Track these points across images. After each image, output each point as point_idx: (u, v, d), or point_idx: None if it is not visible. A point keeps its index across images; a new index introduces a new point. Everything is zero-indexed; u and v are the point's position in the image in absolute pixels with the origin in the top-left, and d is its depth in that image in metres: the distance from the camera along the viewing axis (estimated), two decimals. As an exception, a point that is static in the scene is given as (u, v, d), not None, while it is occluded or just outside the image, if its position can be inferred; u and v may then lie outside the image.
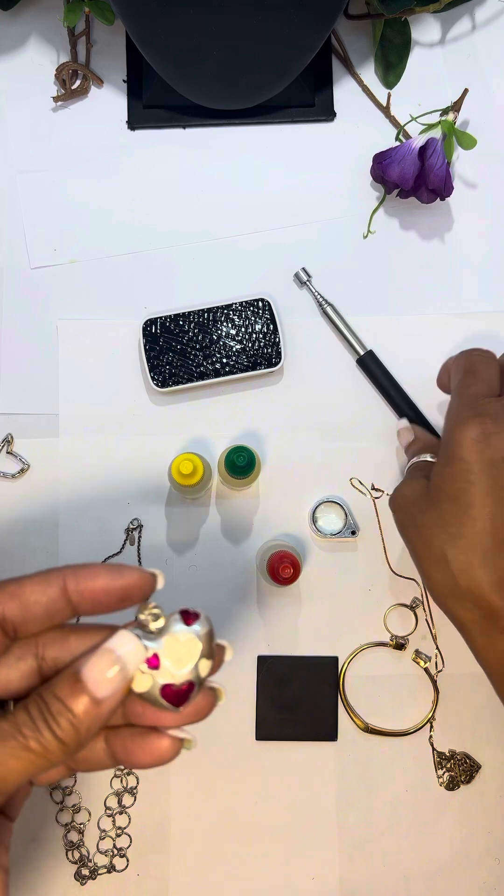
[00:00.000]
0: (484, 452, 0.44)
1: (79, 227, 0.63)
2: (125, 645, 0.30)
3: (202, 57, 0.57)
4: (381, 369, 0.61)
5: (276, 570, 0.54)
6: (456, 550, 0.44)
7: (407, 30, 0.63)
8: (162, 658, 0.30)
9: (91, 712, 0.29)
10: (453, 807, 0.59)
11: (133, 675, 0.30)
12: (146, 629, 0.31)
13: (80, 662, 0.30)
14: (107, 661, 0.29)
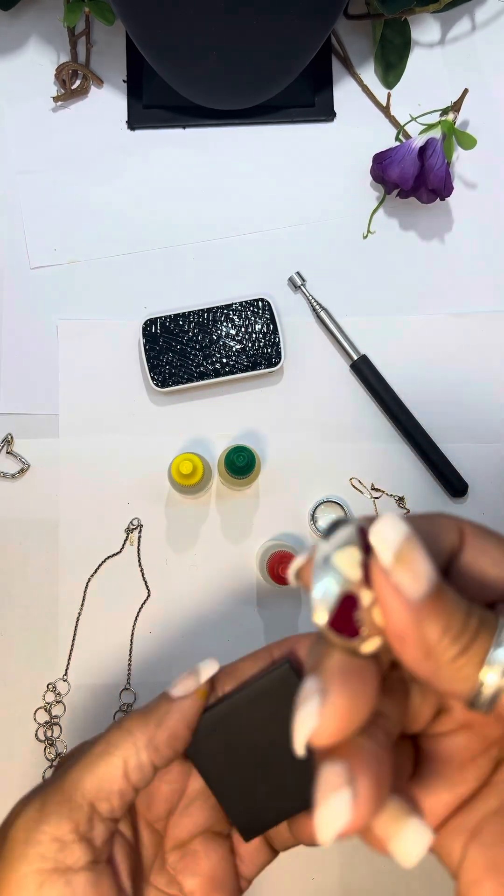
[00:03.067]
0: None
1: (79, 227, 0.63)
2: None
3: (202, 57, 0.57)
4: (374, 374, 0.61)
5: (276, 570, 0.54)
6: None
7: (407, 30, 0.63)
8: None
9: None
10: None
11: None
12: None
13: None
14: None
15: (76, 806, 0.28)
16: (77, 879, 0.27)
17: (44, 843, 0.27)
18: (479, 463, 0.61)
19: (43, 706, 0.60)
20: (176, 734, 0.30)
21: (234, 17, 0.54)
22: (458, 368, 0.62)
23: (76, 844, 0.27)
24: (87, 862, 0.27)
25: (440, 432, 0.61)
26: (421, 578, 0.22)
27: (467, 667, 0.22)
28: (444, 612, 0.22)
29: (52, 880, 0.27)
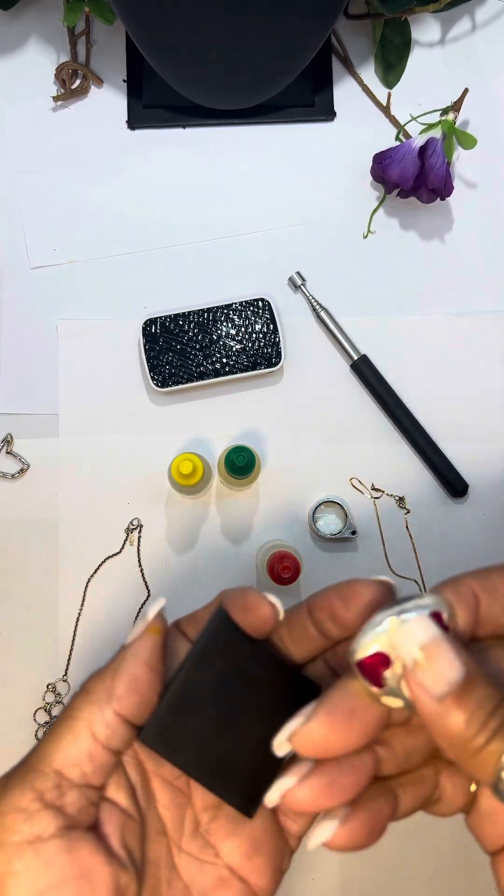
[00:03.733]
0: None
1: (79, 227, 0.63)
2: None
3: (202, 57, 0.57)
4: (374, 374, 0.61)
5: (276, 570, 0.54)
6: None
7: (407, 30, 0.63)
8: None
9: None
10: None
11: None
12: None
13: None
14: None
15: (39, 774, 0.27)
16: (46, 848, 0.26)
17: (7, 814, 0.26)
18: (479, 463, 0.61)
19: (43, 707, 0.60)
20: (136, 677, 0.28)
21: (234, 17, 0.54)
22: (458, 368, 0.62)
23: (42, 812, 0.26)
24: (58, 828, 0.26)
25: (440, 432, 0.61)
26: (444, 680, 0.24)
27: (491, 756, 0.23)
28: (469, 706, 0.24)
29: (20, 852, 0.25)
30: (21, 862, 0.25)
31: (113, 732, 0.28)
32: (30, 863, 0.25)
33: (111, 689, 0.28)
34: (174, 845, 0.29)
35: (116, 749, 0.28)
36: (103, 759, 0.27)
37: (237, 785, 0.29)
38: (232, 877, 0.29)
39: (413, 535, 0.61)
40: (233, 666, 0.29)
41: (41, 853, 0.25)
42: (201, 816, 0.30)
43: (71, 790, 0.27)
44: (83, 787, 0.27)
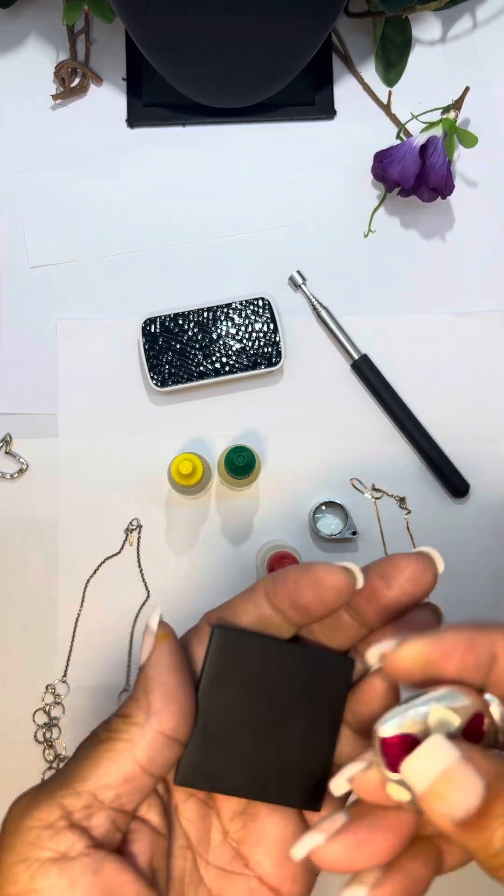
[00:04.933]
0: None
1: (78, 226, 0.62)
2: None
3: (202, 55, 0.56)
4: (374, 374, 0.61)
5: (276, 570, 0.53)
6: None
7: (407, 28, 0.63)
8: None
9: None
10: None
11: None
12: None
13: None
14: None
15: (71, 792, 0.26)
16: (72, 867, 0.25)
17: (34, 829, 0.25)
18: (480, 463, 0.61)
19: (42, 708, 0.60)
20: (167, 685, 0.27)
21: (234, 16, 0.54)
22: (459, 368, 0.62)
23: (68, 831, 0.25)
24: (84, 847, 0.25)
25: (441, 432, 0.61)
26: (458, 807, 0.22)
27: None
28: (490, 827, 0.22)
29: (44, 870, 0.25)
30: (45, 880, 0.25)
31: (156, 753, 0.26)
32: (54, 881, 0.25)
33: (148, 707, 0.27)
34: (200, 859, 0.29)
35: (158, 773, 0.27)
36: (141, 782, 0.26)
37: (293, 785, 0.28)
38: (262, 887, 0.28)
39: (414, 535, 0.61)
40: (249, 675, 0.28)
41: (66, 872, 0.25)
42: (229, 826, 0.29)
43: (100, 812, 0.26)
44: (115, 810, 0.26)
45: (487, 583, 0.60)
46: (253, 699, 0.28)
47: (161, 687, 0.27)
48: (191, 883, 0.28)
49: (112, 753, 0.26)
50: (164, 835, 0.28)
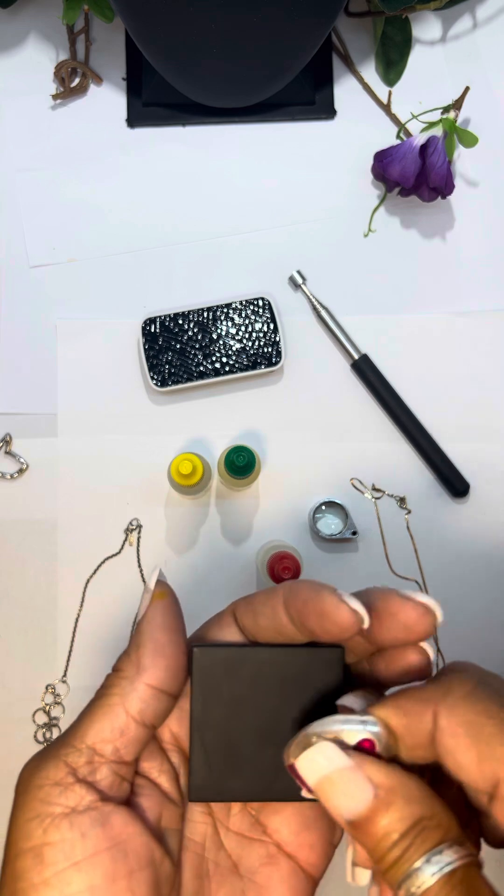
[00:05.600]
0: None
1: (78, 225, 0.62)
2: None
3: (202, 55, 0.56)
4: (375, 374, 0.60)
5: (276, 570, 0.53)
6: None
7: (408, 27, 0.63)
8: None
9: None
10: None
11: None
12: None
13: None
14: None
15: (72, 750, 0.27)
16: (81, 819, 0.26)
17: (43, 787, 0.26)
18: (480, 463, 0.61)
19: (42, 708, 0.60)
20: (157, 641, 0.28)
21: (233, 15, 0.53)
22: (459, 367, 0.62)
23: (76, 786, 0.26)
24: (92, 801, 0.26)
25: (441, 432, 0.61)
26: (344, 810, 0.24)
27: (395, 876, 0.24)
28: (374, 836, 0.24)
29: (55, 824, 0.26)
30: (57, 833, 0.26)
31: (146, 705, 0.28)
32: (66, 834, 0.26)
33: (138, 661, 0.28)
34: (220, 825, 0.30)
35: (150, 723, 0.28)
36: (135, 733, 0.28)
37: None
38: (280, 853, 0.29)
39: (414, 535, 0.61)
40: (239, 684, 0.28)
41: (76, 825, 0.26)
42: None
43: (103, 766, 0.27)
44: (115, 762, 0.27)
45: (487, 583, 0.60)
46: (247, 706, 0.28)
47: (151, 643, 0.28)
48: (211, 846, 0.29)
49: (105, 709, 0.28)
50: (177, 801, 0.29)
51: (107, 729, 0.27)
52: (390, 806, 0.24)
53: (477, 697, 0.24)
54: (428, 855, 0.23)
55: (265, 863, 0.29)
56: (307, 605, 0.27)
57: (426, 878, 0.23)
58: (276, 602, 0.28)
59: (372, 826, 0.24)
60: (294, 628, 0.28)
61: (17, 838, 0.26)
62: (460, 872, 0.23)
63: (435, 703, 0.25)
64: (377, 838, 0.24)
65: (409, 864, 0.23)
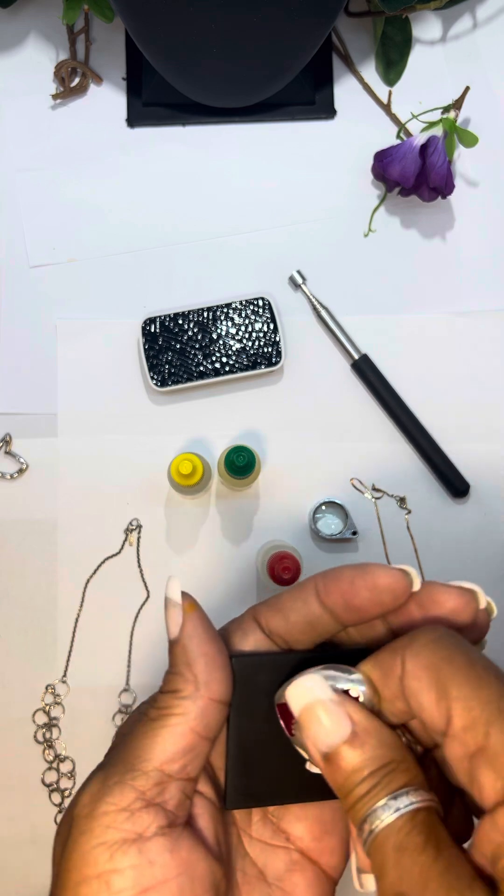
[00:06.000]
0: None
1: (78, 225, 0.62)
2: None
3: (202, 55, 0.56)
4: (375, 374, 0.60)
5: (276, 570, 0.53)
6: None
7: (408, 27, 0.63)
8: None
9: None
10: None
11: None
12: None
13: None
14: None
15: (140, 774, 0.27)
16: (150, 846, 0.26)
17: (109, 814, 0.26)
18: (480, 463, 0.61)
19: (42, 708, 0.60)
20: (209, 655, 0.28)
21: (233, 14, 0.53)
22: (459, 367, 0.62)
23: (145, 811, 0.26)
24: (160, 827, 0.26)
25: (442, 432, 0.61)
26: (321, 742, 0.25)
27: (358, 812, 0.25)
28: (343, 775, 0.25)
29: (123, 850, 0.25)
30: (125, 859, 0.25)
31: (210, 719, 0.28)
32: (134, 860, 0.25)
33: (195, 679, 0.28)
34: (244, 834, 0.30)
35: (213, 736, 0.28)
36: (201, 748, 0.28)
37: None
38: (303, 859, 0.30)
39: (414, 535, 0.61)
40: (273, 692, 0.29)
41: (145, 851, 0.26)
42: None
43: (170, 786, 0.27)
44: (182, 780, 0.27)
45: (488, 583, 0.60)
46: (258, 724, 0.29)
47: (202, 658, 0.28)
48: (238, 856, 0.30)
49: (168, 729, 0.27)
50: (219, 806, 0.29)
51: (173, 749, 0.27)
52: (364, 744, 0.25)
53: (439, 644, 0.25)
54: (392, 795, 0.24)
55: (291, 869, 0.30)
56: (355, 582, 0.27)
57: (388, 815, 0.24)
58: (308, 595, 0.28)
59: (343, 760, 0.25)
60: (330, 617, 0.28)
61: (81, 865, 0.26)
62: (422, 814, 0.24)
63: (402, 651, 0.26)
64: (347, 772, 0.25)
65: (374, 801, 0.24)
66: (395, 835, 0.23)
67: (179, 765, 0.27)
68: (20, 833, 0.59)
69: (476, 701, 0.23)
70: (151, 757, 0.27)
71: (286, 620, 0.29)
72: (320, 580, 0.28)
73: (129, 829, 0.26)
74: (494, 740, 0.23)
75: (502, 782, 0.22)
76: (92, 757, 0.59)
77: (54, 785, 0.59)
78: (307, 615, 0.28)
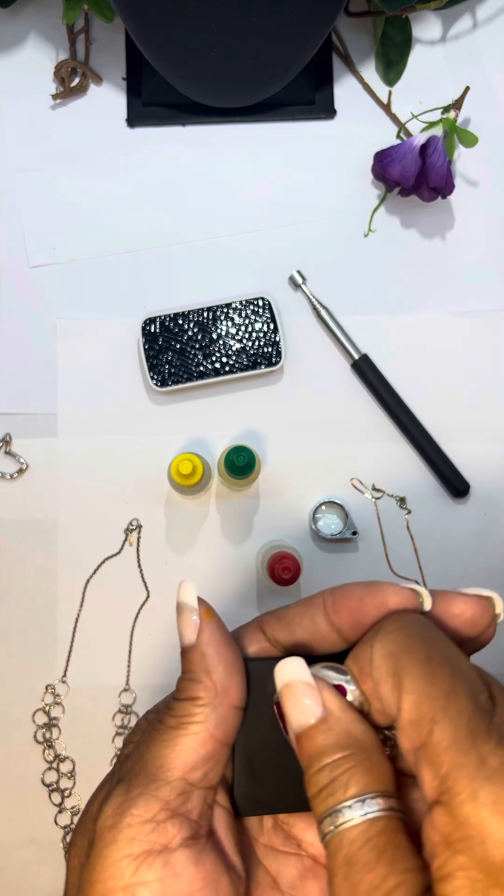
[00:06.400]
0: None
1: (78, 225, 0.62)
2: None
3: (202, 54, 0.56)
4: (375, 374, 0.60)
5: (276, 570, 0.53)
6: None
7: (408, 27, 0.63)
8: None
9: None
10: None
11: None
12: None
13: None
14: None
15: (163, 784, 0.26)
16: (175, 858, 0.25)
17: (134, 826, 0.26)
18: (480, 463, 0.61)
19: (42, 708, 0.60)
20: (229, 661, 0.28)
21: (234, 14, 0.53)
22: (459, 367, 0.62)
23: (170, 822, 0.26)
24: (185, 838, 0.26)
25: (441, 432, 0.61)
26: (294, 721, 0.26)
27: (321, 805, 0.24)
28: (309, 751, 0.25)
29: (148, 862, 0.25)
30: (150, 871, 0.25)
31: (229, 725, 0.28)
32: (159, 873, 0.25)
33: (215, 685, 0.28)
34: (255, 841, 0.30)
35: (231, 741, 0.28)
36: (222, 755, 0.28)
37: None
38: (317, 866, 0.29)
39: (414, 535, 0.61)
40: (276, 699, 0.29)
41: (170, 863, 0.25)
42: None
43: (193, 795, 0.27)
44: (204, 789, 0.27)
45: (488, 583, 0.60)
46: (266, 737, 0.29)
47: (222, 664, 0.28)
48: (252, 864, 0.29)
49: (189, 737, 0.27)
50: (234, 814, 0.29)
51: (195, 757, 0.27)
52: (331, 730, 0.25)
53: (402, 633, 0.25)
54: (359, 797, 0.24)
55: (304, 876, 0.29)
56: (364, 600, 0.27)
57: (352, 817, 0.23)
58: (315, 612, 0.28)
59: (309, 742, 0.25)
60: (337, 635, 0.28)
61: (105, 877, 0.25)
62: (379, 824, 0.23)
63: (371, 640, 0.25)
64: (310, 756, 0.25)
65: (332, 801, 0.24)
66: (346, 846, 0.23)
67: (201, 773, 0.27)
68: (20, 833, 0.59)
69: (426, 696, 0.23)
70: (174, 766, 0.27)
71: (292, 635, 0.29)
72: (329, 597, 0.28)
73: (155, 840, 0.25)
74: (436, 738, 0.22)
75: (439, 781, 0.22)
76: (92, 757, 0.59)
77: (54, 785, 0.59)
78: (314, 632, 0.28)
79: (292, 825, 0.30)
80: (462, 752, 0.22)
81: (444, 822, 0.22)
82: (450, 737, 0.22)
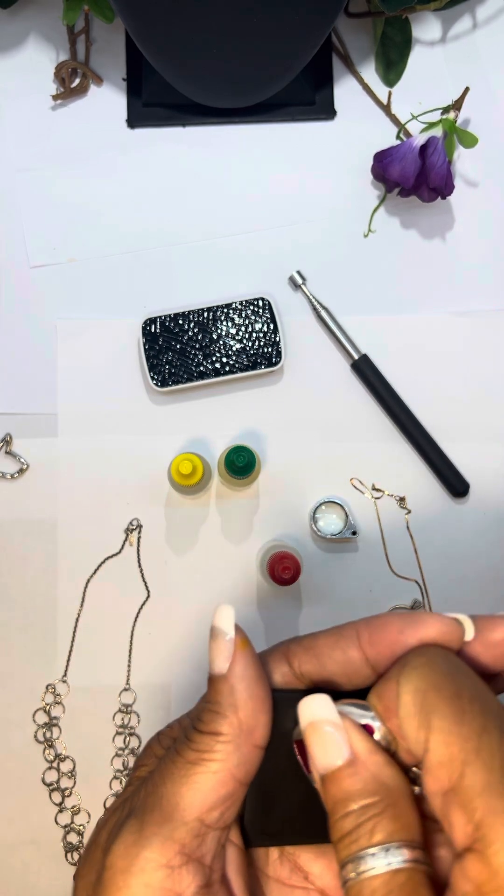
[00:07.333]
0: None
1: (78, 225, 0.62)
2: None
3: (202, 55, 0.56)
4: (374, 374, 0.60)
5: (276, 570, 0.53)
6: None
7: (408, 28, 0.63)
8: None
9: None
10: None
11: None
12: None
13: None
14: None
15: (180, 825, 0.25)
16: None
17: (148, 871, 0.24)
18: (480, 463, 0.61)
19: (42, 707, 0.60)
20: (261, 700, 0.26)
21: (234, 15, 0.54)
22: (459, 368, 0.62)
23: (185, 868, 0.24)
24: (199, 887, 0.25)
25: (441, 432, 0.61)
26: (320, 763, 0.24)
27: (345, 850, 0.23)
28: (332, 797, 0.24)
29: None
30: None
31: (250, 766, 0.26)
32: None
33: (240, 723, 0.26)
34: (262, 873, 0.29)
35: (249, 781, 0.27)
36: (239, 794, 0.26)
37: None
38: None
39: (414, 535, 0.61)
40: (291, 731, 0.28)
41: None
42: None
43: (208, 837, 0.25)
44: (218, 830, 0.26)
45: (487, 583, 0.60)
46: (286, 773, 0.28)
47: (252, 701, 0.26)
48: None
49: (208, 775, 0.26)
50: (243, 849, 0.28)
51: (213, 797, 0.25)
52: (358, 775, 0.24)
53: (429, 668, 0.24)
54: (385, 846, 0.23)
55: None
56: (404, 632, 0.25)
57: (375, 865, 0.22)
58: (348, 644, 0.26)
59: (335, 786, 0.24)
60: (370, 670, 0.26)
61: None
62: (410, 874, 0.22)
63: (397, 676, 0.24)
64: (335, 800, 0.24)
65: (355, 846, 0.23)
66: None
67: (218, 813, 0.25)
68: (20, 833, 0.59)
69: (455, 736, 0.22)
70: (191, 805, 0.25)
71: (322, 669, 0.27)
72: (364, 628, 0.26)
73: (169, 888, 0.24)
74: (468, 781, 0.21)
75: (473, 827, 0.21)
76: (92, 756, 0.59)
77: (54, 784, 0.59)
78: (345, 666, 0.26)
79: (298, 856, 0.29)
80: (497, 796, 0.21)
81: (478, 871, 0.21)
82: (483, 780, 0.21)
